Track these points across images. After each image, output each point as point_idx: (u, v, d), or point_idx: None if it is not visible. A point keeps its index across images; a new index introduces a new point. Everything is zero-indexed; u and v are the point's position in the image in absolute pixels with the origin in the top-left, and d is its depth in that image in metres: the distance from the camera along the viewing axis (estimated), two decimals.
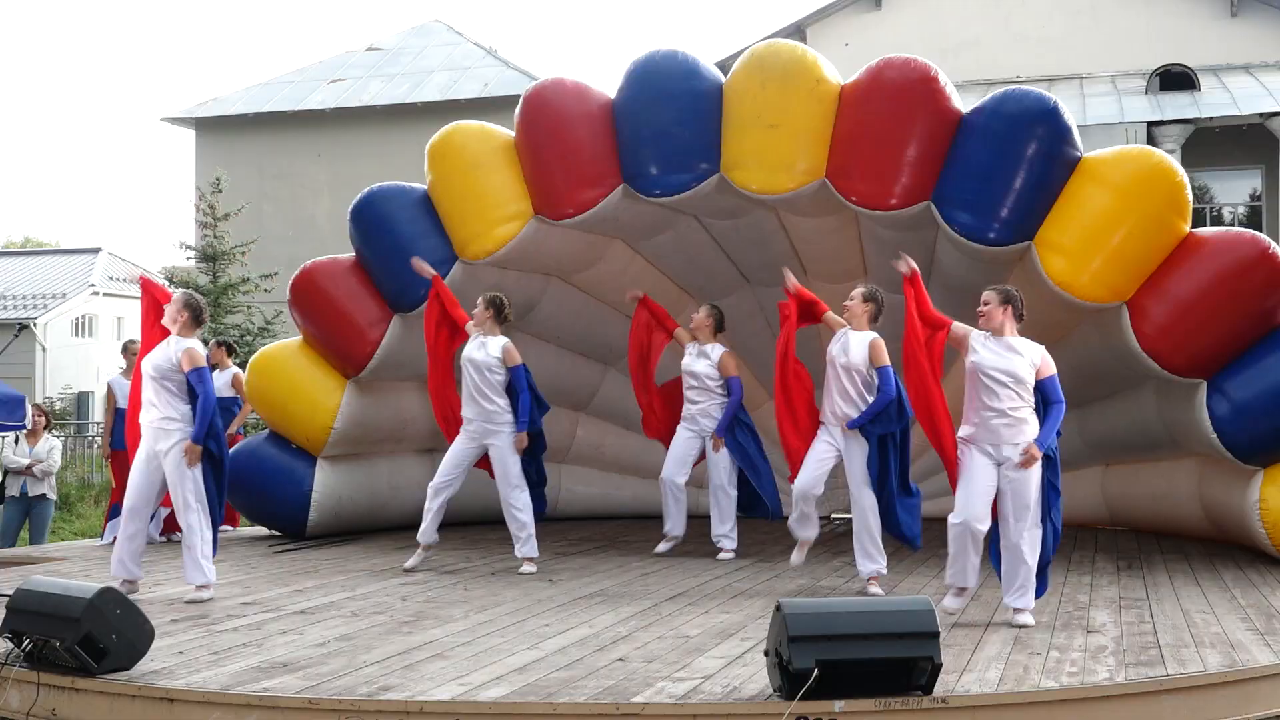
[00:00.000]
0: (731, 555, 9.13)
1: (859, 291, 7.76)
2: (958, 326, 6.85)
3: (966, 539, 6.53)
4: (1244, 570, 8.17)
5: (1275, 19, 24.04)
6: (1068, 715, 4.96)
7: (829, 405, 7.66)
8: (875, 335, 7.62)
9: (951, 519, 6.59)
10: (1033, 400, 6.52)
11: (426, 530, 8.68)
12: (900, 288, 10.19)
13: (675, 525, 9.39)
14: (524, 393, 8.53)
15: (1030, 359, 6.54)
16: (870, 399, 7.51)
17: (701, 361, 9.23)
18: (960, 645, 5.83)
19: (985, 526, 6.55)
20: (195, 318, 7.47)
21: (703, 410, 9.22)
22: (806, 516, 7.74)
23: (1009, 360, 6.50)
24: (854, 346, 7.55)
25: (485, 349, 8.60)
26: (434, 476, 8.78)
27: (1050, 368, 6.59)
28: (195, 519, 7.38)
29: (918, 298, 7.06)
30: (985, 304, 6.63)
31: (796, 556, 7.93)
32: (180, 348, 7.37)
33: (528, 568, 8.56)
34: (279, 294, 15.78)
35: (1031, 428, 6.48)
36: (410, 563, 8.68)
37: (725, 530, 9.27)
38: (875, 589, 7.63)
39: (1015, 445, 6.43)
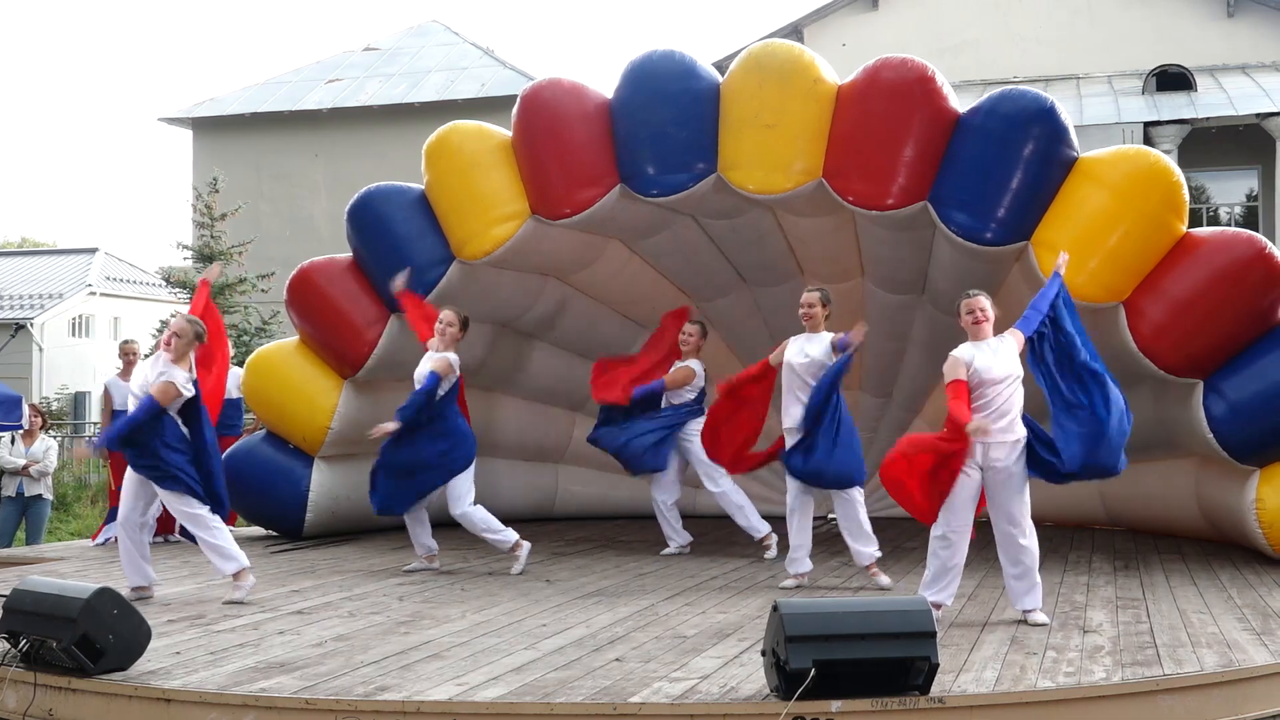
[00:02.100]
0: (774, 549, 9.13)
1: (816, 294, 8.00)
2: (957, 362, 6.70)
3: (950, 552, 6.54)
4: (1240, 570, 8.17)
5: (1272, 19, 24.05)
6: (1064, 715, 4.96)
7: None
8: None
9: (934, 531, 6.60)
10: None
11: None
12: (901, 288, 10.27)
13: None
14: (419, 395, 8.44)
15: (1016, 349, 6.65)
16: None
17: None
18: (957, 645, 5.84)
19: (967, 539, 6.56)
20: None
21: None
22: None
23: (1006, 361, 6.53)
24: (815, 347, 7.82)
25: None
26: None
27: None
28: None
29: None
30: (984, 310, 6.64)
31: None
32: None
33: (518, 567, 8.51)
34: (276, 294, 15.77)
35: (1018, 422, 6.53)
36: (412, 565, 8.71)
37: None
38: (883, 579, 7.73)
39: (1005, 442, 6.41)
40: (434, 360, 8.43)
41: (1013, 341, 6.65)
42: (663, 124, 9.24)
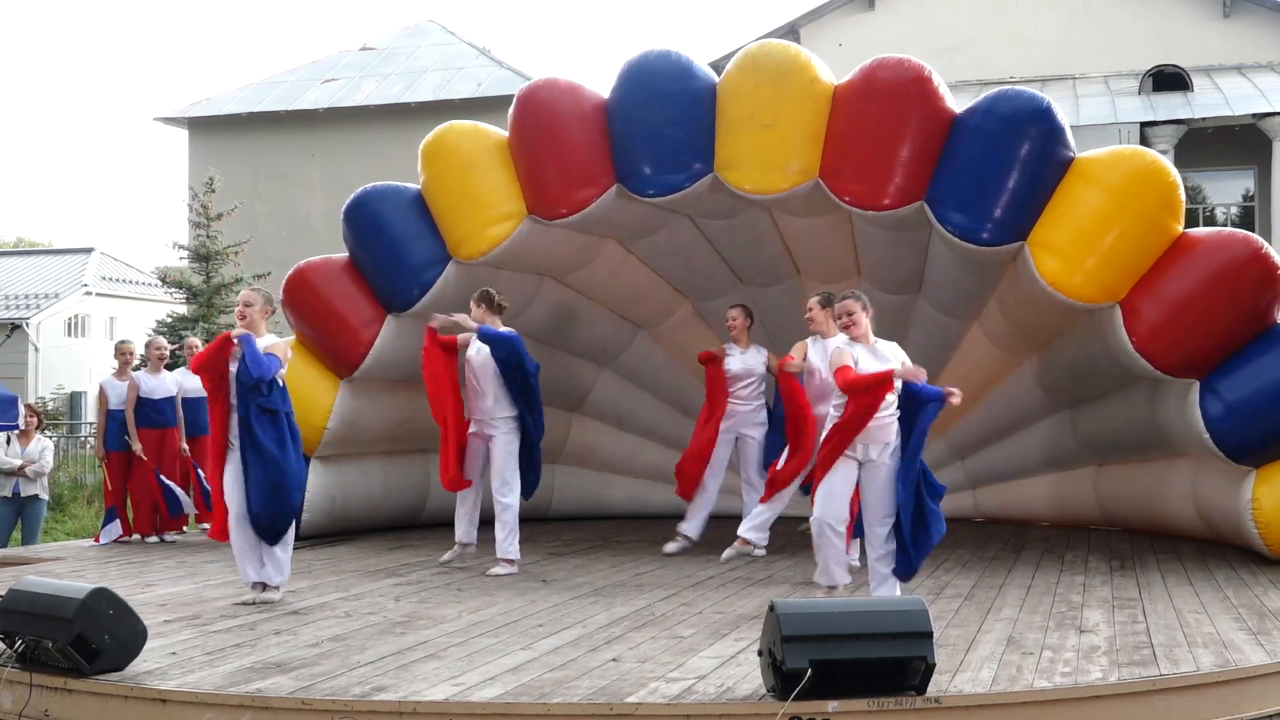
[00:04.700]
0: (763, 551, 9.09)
1: (816, 300, 7.89)
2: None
3: (827, 536, 6.82)
4: (1236, 570, 8.18)
5: (1268, 20, 24.08)
6: (1061, 715, 4.96)
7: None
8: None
9: (812, 519, 6.86)
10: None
11: (465, 531, 8.79)
12: (897, 288, 10.28)
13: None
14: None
15: (898, 358, 6.76)
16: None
17: (750, 360, 9.28)
18: (953, 645, 5.83)
19: (844, 525, 6.86)
20: None
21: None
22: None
23: (886, 365, 6.69)
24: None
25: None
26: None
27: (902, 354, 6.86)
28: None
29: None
30: (850, 314, 6.79)
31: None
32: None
33: (498, 569, 8.48)
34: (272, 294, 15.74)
35: (896, 424, 6.74)
36: (446, 556, 8.82)
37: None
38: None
39: (884, 445, 6.70)
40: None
41: (897, 347, 6.83)
42: (659, 124, 9.24)
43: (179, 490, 10.55)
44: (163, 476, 10.49)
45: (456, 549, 8.84)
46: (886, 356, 6.75)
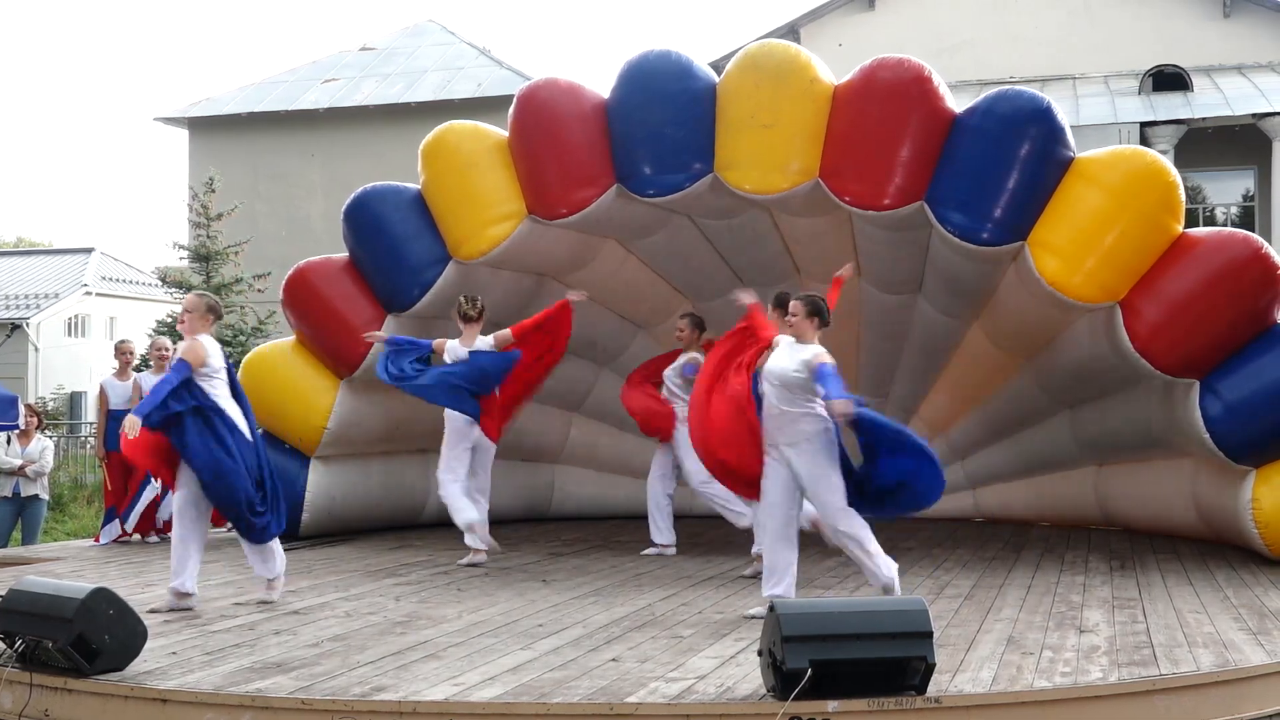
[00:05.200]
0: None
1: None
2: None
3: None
4: (1236, 570, 8.17)
5: (1268, 20, 24.09)
6: (1061, 715, 4.96)
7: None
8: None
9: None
10: (810, 399, 6.55)
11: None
12: (897, 288, 10.28)
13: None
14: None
15: (801, 359, 6.54)
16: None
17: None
18: (954, 645, 5.84)
19: (777, 525, 6.68)
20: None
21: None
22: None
23: (781, 362, 6.59)
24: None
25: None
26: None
27: (823, 358, 6.50)
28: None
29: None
30: (794, 314, 6.65)
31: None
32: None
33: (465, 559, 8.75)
34: (272, 294, 15.78)
35: (808, 423, 6.54)
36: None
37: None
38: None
39: (794, 445, 6.55)
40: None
41: (809, 351, 6.56)
42: (659, 124, 9.24)
43: (134, 510, 10.54)
44: (150, 488, 10.47)
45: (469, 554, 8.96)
46: (794, 355, 6.55)
